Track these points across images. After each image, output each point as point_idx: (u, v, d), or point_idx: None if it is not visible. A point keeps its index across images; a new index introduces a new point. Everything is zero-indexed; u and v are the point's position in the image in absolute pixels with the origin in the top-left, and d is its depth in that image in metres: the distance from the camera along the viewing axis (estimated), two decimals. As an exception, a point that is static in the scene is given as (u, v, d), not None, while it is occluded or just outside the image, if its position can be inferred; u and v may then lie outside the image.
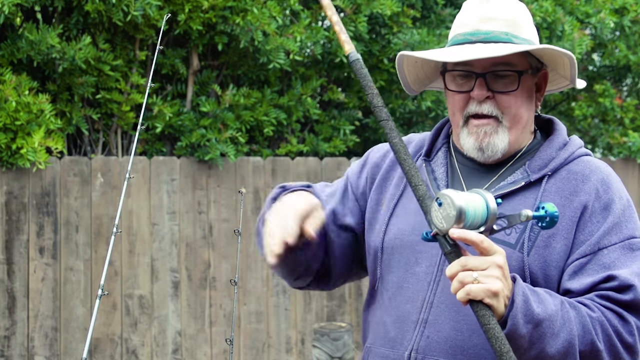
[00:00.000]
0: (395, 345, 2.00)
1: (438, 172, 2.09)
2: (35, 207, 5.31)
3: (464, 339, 1.93)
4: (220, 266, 5.68)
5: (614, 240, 1.92)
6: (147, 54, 5.72)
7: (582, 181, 1.98)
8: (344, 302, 6.00)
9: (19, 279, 5.27)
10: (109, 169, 5.49)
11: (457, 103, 2.02)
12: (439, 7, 6.55)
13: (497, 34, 1.99)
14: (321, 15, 6.43)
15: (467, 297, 1.71)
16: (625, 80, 7.71)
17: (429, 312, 1.96)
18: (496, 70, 1.98)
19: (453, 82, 2.03)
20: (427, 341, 1.96)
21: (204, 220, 5.69)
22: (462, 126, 2.03)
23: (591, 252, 1.91)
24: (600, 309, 1.87)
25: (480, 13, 2.01)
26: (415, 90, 2.17)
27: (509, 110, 2.00)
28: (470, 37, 2.00)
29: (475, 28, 2.00)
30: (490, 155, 2.01)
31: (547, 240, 1.93)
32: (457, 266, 1.72)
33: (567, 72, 2.06)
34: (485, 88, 1.98)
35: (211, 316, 5.66)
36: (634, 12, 7.02)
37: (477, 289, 1.71)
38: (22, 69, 5.43)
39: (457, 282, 1.72)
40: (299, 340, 5.89)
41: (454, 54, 1.97)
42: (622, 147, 7.09)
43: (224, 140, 5.70)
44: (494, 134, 2.00)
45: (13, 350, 5.25)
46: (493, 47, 1.96)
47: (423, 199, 1.76)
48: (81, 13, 5.49)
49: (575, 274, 1.91)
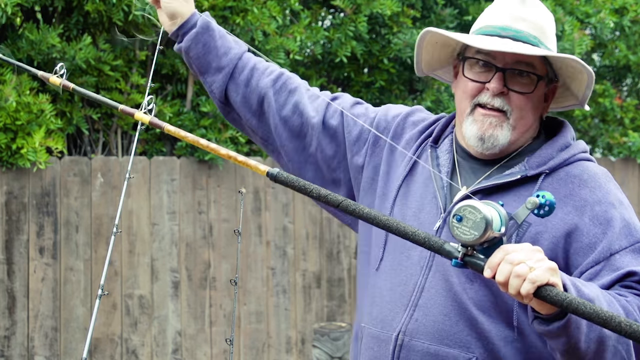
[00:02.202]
0: (385, 326, 2.03)
1: (442, 158, 2.11)
2: (35, 207, 5.31)
3: (451, 324, 1.95)
4: (220, 266, 5.68)
5: (624, 245, 1.94)
6: (147, 54, 5.73)
7: (579, 185, 1.99)
8: (344, 302, 6.01)
9: (19, 279, 5.27)
10: (109, 169, 5.49)
11: (469, 90, 2.04)
12: (439, 7, 6.55)
13: (527, 36, 2.02)
14: (321, 15, 6.43)
15: (534, 286, 1.67)
16: (625, 80, 7.71)
17: (419, 296, 1.99)
18: (517, 69, 2.00)
19: (470, 69, 2.05)
20: (416, 324, 1.98)
21: (204, 220, 5.69)
22: (469, 114, 2.04)
23: (604, 259, 1.92)
24: (631, 294, 1.87)
25: (514, 12, 2.03)
26: (423, 72, 2.18)
27: (519, 110, 2.02)
28: (500, 31, 2.02)
29: (507, 24, 2.02)
30: (489, 147, 2.03)
31: (535, 237, 1.94)
32: (506, 266, 1.69)
33: (581, 89, 2.07)
34: (503, 83, 2.00)
35: (211, 316, 5.66)
36: (634, 12, 7.02)
37: (538, 273, 1.67)
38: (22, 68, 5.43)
39: (515, 279, 1.68)
40: (299, 340, 5.89)
41: (487, 42, 1.99)
42: (622, 147, 7.10)
43: (224, 140, 5.70)
44: (498, 127, 2.02)
45: (13, 350, 5.26)
46: (523, 46, 1.98)
47: (428, 239, 1.73)
48: (81, 13, 5.49)
49: (591, 281, 1.91)
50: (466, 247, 1.70)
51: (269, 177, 1.80)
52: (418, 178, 2.11)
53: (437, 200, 2.05)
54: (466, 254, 1.70)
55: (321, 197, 1.79)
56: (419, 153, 2.14)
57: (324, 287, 5.97)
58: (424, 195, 2.08)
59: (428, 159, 2.11)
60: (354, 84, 6.47)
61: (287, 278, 5.86)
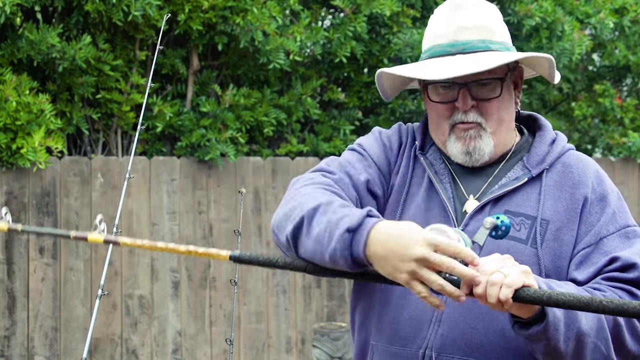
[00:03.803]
0: (407, 344, 2.01)
1: (437, 166, 2.10)
2: (35, 207, 5.31)
3: (480, 336, 1.95)
4: (220, 266, 5.68)
5: (612, 230, 2.00)
6: (147, 54, 5.73)
7: (579, 174, 2.04)
8: (344, 302, 6.00)
9: (19, 279, 5.27)
10: (109, 169, 5.49)
11: (442, 112, 2.05)
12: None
13: (475, 43, 2.03)
14: (321, 15, 6.43)
15: (512, 290, 1.71)
16: (625, 80, 7.71)
17: (442, 311, 1.97)
18: (478, 80, 2.01)
19: (435, 92, 2.06)
20: (442, 339, 1.97)
21: (204, 220, 5.69)
22: (449, 133, 2.05)
23: (594, 242, 1.98)
24: (610, 289, 1.91)
25: (455, 23, 2.04)
26: (390, 96, 2.19)
27: (492, 116, 2.04)
28: (449, 49, 2.03)
29: (453, 39, 2.03)
30: (477, 158, 2.05)
31: (556, 233, 1.98)
32: (481, 279, 1.73)
33: (545, 72, 2.11)
34: (470, 97, 2.02)
35: (211, 316, 5.66)
36: (633, 12, 7.02)
37: (513, 277, 1.72)
38: (22, 68, 5.43)
39: (492, 287, 1.72)
40: (299, 340, 5.89)
41: (438, 71, 2.00)
42: (622, 147, 7.10)
43: (224, 140, 5.70)
44: (478, 138, 2.04)
45: (13, 350, 5.26)
46: (474, 60, 1.99)
47: None
48: (81, 13, 5.49)
49: (581, 264, 1.97)
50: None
51: (232, 260, 1.86)
52: (417, 189, 2.09)
53: (446, 212, 2.04)
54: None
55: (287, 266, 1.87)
56: (413, 163, 2.12)
57: (324, 287, 5.97)
58: (429, 206, 2.07)
59: (423, 165, 2.10)
60: (353, 84, 6.47)
61: (287, 278, 5.86)
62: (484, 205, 2.02)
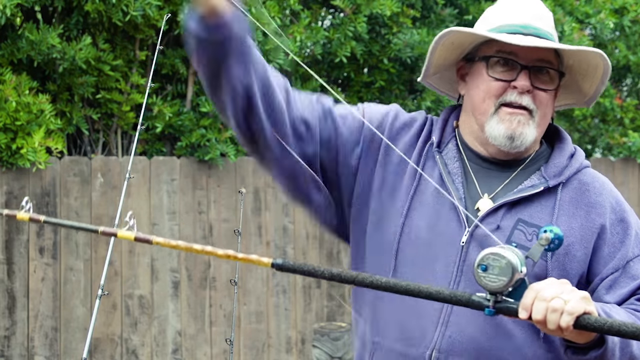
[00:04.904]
0: (413, 344, 1.98)
1: (451, 166, 2.05)
2: (35, 207, 5.29)
3: (488, 340, 1.93)
4: (220, 266, 5.68)
5: (637, 252, 1.99)
6: (147, 54, 5.72)
7: (596, 194, 2.02)
8: (344, 302, 6.01)
9: (19, 279, 5.27)
10: (109, 169, 5.49)
11: (493, 89, 2.00)
12: (439, 7, 6.55)
13: (545, 33, 2.02)
14: (321, 15, 6.43)
15: (573, 317, 1.70)
16: (625, 80, 7.71)
17: (450, 313, 1.95)
18: (540, 66, 2.00)
19: (492, 68, 2.02)
20: (450, 341, 1.94)
21: (204, 220, 5.69)
22: (493, 113, 2.00)
23: (622, 266, 1.97)
24: None
25: (532, 10, 2.04)
26: (427, 76, 2.13)
27: (543, 107, 2.01)
28: (521, 29, 2.01)
29: (527, 22, 2.02)
30: (518, 145, 2.00)
31: (567, 248, 1.95)
32: (541, 304, 1.72)
33: (593, 84, 2.08)
34: (529, 80, 1.99)
35: (211, 316, 5.66)
36: (633, 12, 7.02)
37: (574, 304, 1.71)
38: (22, 69, 5.43)
39: (552, 314, 1.71)
40: (299, 340, 5.89)
41: (521, 39, 1.97)
42: (622, 147, 7.10)
43: (224, 140, 5.70)
44: (526, 125, 1.99)
45: (13, 350, 5.26)
46: (550, 42, 2.00)
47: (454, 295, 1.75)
48: (81, 13, 5.49)
49: (611, 288, 1.96)
50: (495, 294, 1.72)
51: (275, 268, 1.79)
52: (426, 187, 2.03)
53: (457, 212, 1.99)
54: (497, 301, 1.73)
55: (334, 277, 1.78)
56: (424, 160, 2.06)
57: (324, 287, 5.97)
58: (439, 206, 2.01)
59: (437, 166, 2.04)
60: (354, 84, 6.47)
61: (287, 278, 5.86)
62: (498, 208, 1.98)
